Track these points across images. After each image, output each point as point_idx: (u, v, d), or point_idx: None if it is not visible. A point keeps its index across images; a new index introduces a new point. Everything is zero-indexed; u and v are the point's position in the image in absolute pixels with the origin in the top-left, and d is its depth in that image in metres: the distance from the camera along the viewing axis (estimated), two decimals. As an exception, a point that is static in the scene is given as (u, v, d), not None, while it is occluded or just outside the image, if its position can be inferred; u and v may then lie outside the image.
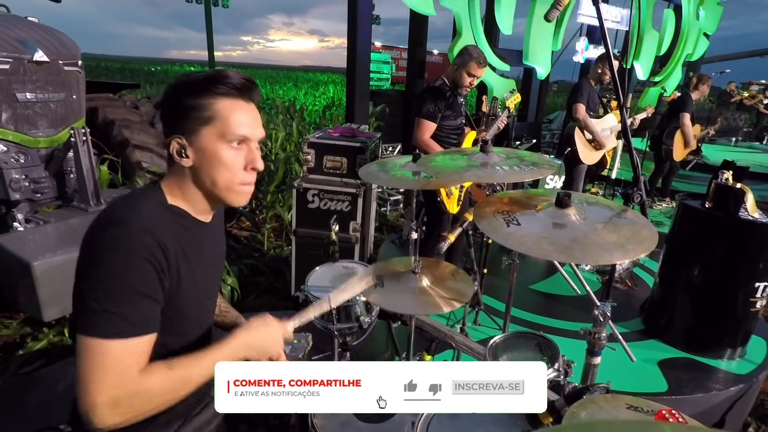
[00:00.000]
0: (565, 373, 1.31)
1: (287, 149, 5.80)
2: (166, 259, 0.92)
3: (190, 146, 0.96)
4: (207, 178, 0.98)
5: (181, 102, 0.95)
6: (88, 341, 0.84)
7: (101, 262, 0.86)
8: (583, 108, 3.57)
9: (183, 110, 0.95)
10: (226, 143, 0.97)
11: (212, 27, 19.03)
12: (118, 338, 0.85)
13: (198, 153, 0.96)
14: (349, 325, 1.57)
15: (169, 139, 0.96)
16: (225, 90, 0.95)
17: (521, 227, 1.16)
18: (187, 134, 0.95)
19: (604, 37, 1.64)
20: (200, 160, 0.97)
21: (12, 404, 1.83)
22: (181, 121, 0.95)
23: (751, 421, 2.45)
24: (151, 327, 0.90)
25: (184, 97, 0.95)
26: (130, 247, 0.87)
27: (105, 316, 0.84)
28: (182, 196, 1.01)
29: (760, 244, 2.30)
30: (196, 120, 0.95)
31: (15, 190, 2.58)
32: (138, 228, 0.89)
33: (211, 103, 0.95)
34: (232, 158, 0.97)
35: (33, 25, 2.80)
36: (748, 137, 11.47)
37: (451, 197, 2.83)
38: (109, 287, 0.85)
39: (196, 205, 1.03)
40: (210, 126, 0.95)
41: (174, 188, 1.01)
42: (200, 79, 0.95)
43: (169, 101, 0.96)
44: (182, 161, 0.97)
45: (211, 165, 0.97)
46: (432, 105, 2.66)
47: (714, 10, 8.49)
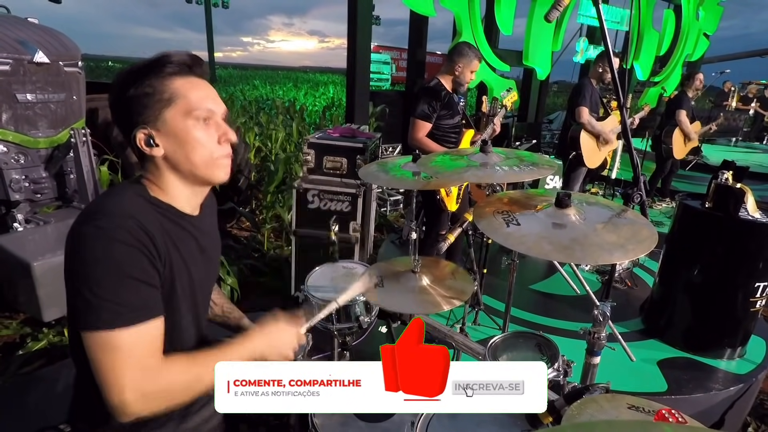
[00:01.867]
0: (565, 373, 1.31)
1: (287, 150, 5.80)
2: (154, 245, 0.89)
3: (158, 133, 0.92)
4: (184, 160, 0.94)
5: (135, 92, 0.90)
6: (95, 337, 0.82)
7: (89, 255, 0.84)
8: (586, 112, 3.57)
9: (138, 99, 0.90)
10: (194, 120, 0.93)
11: (212, 28, 19.04)
12: (125, 326, 0.83)
13: (168, 137, 0.93)
14: (348, 325, 1.57)
15: (133, 133, 0.91)
16: (176, 69, 0.93)
17: (521, 227, 1.16)
18: (151, 122, 0.92)
19: (604, 37, 1.65)
20: (172, 145, 0.93)
21: (12, 404, 1.83)
22: (141, 111, 0.91)
23: (751, 420, 2.45)
24: (154, 311, 0.88)
25: (136, 86, 0.90)
26: (116, 234, 0.85)
27: (106, 307, 0.83)
28: (164, 190, 0.98)
29: (760, 244, 2.30)
30: (157, 104, 0.91)
31: (15, 191, 2.58)
32: (121, 216, 0.87)
33: (166, 84, 0.92)
34: (203, 134, 0.95)
35: (33, 26, 2.80)
36: (748, 137, 11.47)
37: (450, 195, 2.83)
38: (103, 277, 0.83)
39: (180, 196, 0.99)
40: (173, 106, 0.92)
41: (152, 183, 0.97)
42: (147, 65, 0.92)
43: (120, 95, 0.91)
44: (153, 151, 0.93)
45: (184, 145, 0.93)
46: (427, 105, 2.66)
47: (714, 10, 8.48)
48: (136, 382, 0.82)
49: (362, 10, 4.25)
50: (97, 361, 0.83)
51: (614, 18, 6.76)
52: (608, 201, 1.42)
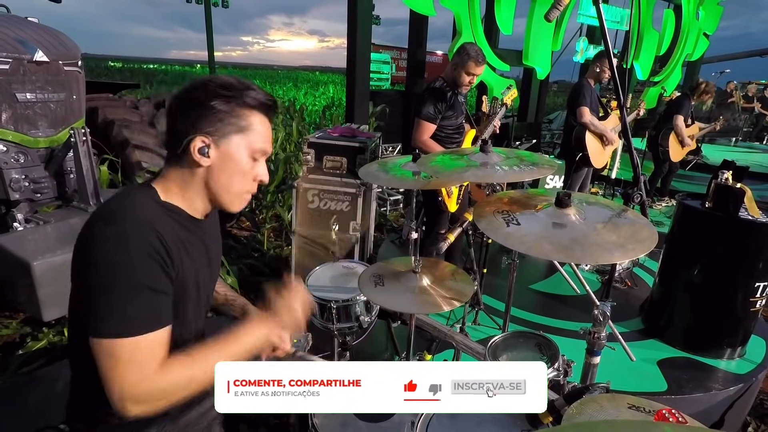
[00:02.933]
0: (565, 373, 1.31)
1: (287, 149, 5.80)
2: (168, 253, 0.91)
3: (216, 148, 0.96)
4: (222, 181, 0.99)
5: (219, 104, 0.94)
6: (102, 343, 0.84)
7: (103, 259, 0.85)
8: (587, 111, 3.57)
9: (219, 113, 0.94)
10: (250, 156, 0.99)
11: (212, 27, 19.00)
12: (132, 336, 0.85)
13: (221, 157, 0.97)
14: (348, 325, 1.58)
15: (191, 136, 0.94)
16: (260, 105, 0.98)
17: (521, 227, 1.16)
18: (216, 136, 0.95)
19: (604, 37, 1.64)
20: (220, 163, 0.97)
21: (12, 404, 1.83)
22: (212, 123, 0.95)
23: (751, 420, 2.45)
24: (163, 320, 0.90)
25: (220, 100, 0.94)
26: (131, 242, 0.86)
27: (117, 316, 0.84)
28: (180, 194, 1.00)
29: (760, 244, 2.30)
30: (231, 126, 0.96)
31: (15, 190, 2.57)
32: (136, 222, 0.88)
33: (248, 114, 0.97)
34: (249, 169, 1.00)
35: (33, 26, 2.79)
36: (748, 137, 11.47)
37: (451, 196, 2.82)
38: (116, 284, 0.85)
39: (194, 203, 1.02)
40: (243, 135, 0.97)
41: (171, 185, 0.99)
42: (239, 88, 0.96)
43: (200, 100, 0.94)
44: (201, 160, 0.95)
45: (230, 170, 0.98)
46: (432, 107, 2.65)
47: (714, 10, 8.48)
48: (136, 389, 0.84)
49: (362, 9, 4.25)
50: (101, 366, 0.85)
51: (614, 18, 6.76)
52: (608, 201, 1.41)
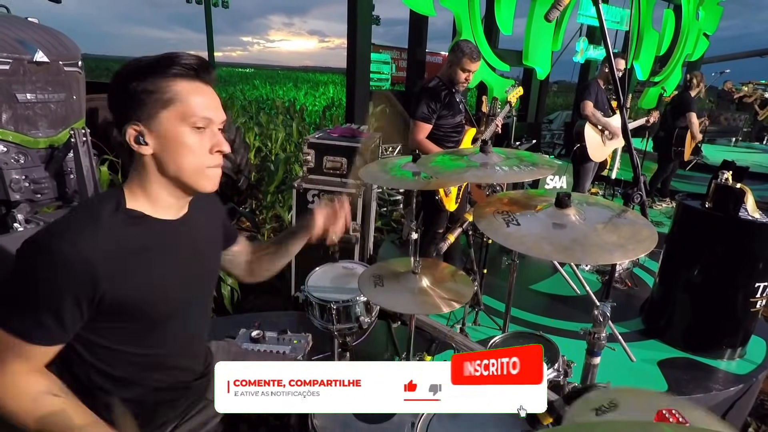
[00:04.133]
0: (565, 373, 1.31)
1: (287, 149, 5.81)
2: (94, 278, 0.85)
3: (149, 132, 0.90)
4: (171, 164, 0.92)
5: (136, 86, 0.88)
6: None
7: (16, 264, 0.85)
8: (590, 105, 3.58)
9: (138, 95, 0.88)
10: (189, 126, 0.91)
11: (212, 27, 19.04)
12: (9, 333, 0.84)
13: (159, 138, 0.91)
14: (348, 326, 1.58)
15: (124, 127, 0.89)
16: (182, 71, 0.90)
17: (521, 227, 1.16)
18: (144, 120, 0.89)
19: (604, 37, 1.64)
20: (162, 146, 0.91)
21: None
22: (137, 107, 0.89)
23: (751, 421, 2.45)
24: (43, 340, 0.86)
25: (139, 80, 0.88)
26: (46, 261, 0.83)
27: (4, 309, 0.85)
28: (144, 195, 0.95)
29: (760, 244, 2.30)
30: (155, 103, 0.89)
31: (15, 191, 2.57)
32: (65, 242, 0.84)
33: (170, 84, 0.89)
34: (196, 141, 0.93)
35: (33, 26, 2.79)
36: (748, 137, 11.47)
37: (449, 195, 2.82)
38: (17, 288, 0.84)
39: (160, 201, 0.96)
40: (170, 108, 0.90)
41: (135, 188, 0.95)
42: (155, 61, 0.90)
43: (120, 88, 0.89)
44: (141, 149, 0.90)
45: (174, 149, 0.91)
46: (426, 106, 2.64)
47: (714, 10, 8.49)
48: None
49: (362, 9, 4.25)
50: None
51: (614, 18, 6.76)
52: (608, 201, 1.41)
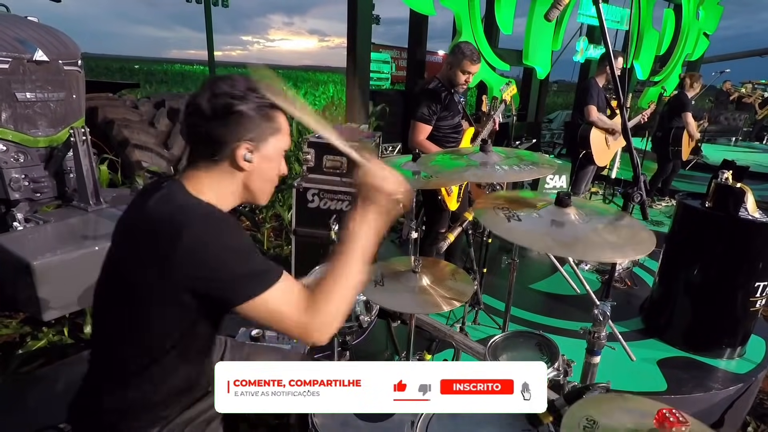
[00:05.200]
0: (565, 373, 1.31)
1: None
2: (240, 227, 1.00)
3: (258, 153, 1.01)
4: (260, 182, 1.06)
5: (253, 110, 0.98)
6: (261, 300, 0.92)
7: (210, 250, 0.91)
8: (594, 110, 3.58)
9: (254, 118, 0.99)
10: (280, 154, 1.07)
11: (212, 27, 18.99)
12: (278, 280, 0.94)
13: (262, 159, 1.02)
14: (348, 325, 1.57)
15: (234, 144, 0.98)
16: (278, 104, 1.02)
17: (522, 223, 1.17)
18: (257, 141, 1.01)
19: (604, 37, 1.64)
20: (261, 166, 1.03)
21: (12, 404, 1.83)
22: (252, 129, 0.99)
23: (750, 420, 2.45)
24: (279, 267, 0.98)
25: (255, 105, 0.98)
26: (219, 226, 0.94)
27: (257, 275, 0.94)
28: (212, 195, 1.02)
29: (760, 243, 2.30)
30: (268, 129, 1.01)
31: (15, 190, 2.57)
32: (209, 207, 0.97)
33: (278, 115, 1.03)
34: (280, 167, 1.09)
35: (33, 25, 2.79)
36: (748, 137, 11.47)
37: (451, 194, 2.82)
38: (236, 256, 0.93)
39: (226, 202, 1.05)
40: (277, 136, 1.04)
41: (203, 186, 1.02)
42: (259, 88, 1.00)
43: (236, 107, 0.97)
44: (245, 165, 1.01)
45: (269, 171, 1.06)
46: (426, 108, 2.65)
47: (714, 10, 8.48)
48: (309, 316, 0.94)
49: (362, 9, 4.24)
50: (273, 317, 0.94)
51: (614, 17, 6.76)
52: (607, 207, 1.41)
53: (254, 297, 0.92)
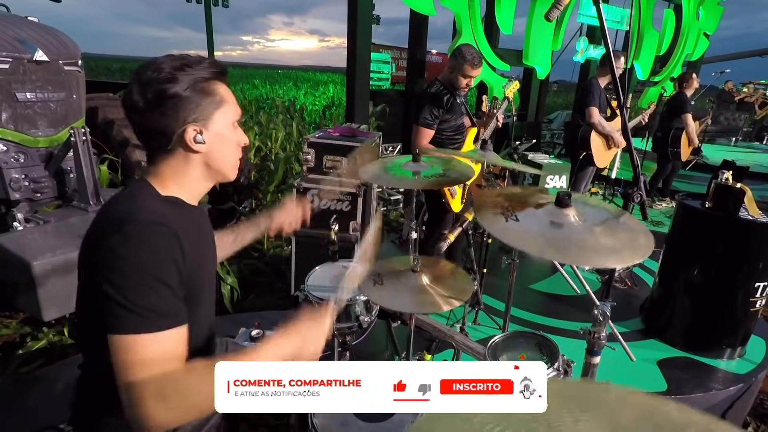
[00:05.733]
0: (565, 373, 1.31)
1: (287, 149, 5.80)
2: (181, 249, 0.91)
3: (206, 131, 0.97)
4: (219, 160, 1.01)
5: (188, 91, 0.94)
6: (122, 340, 0.83)
7: (120, 263, 0.85)
8: (596, 112, 3.57)
9: (192, 98, 0.94)
10: (232, 124, 1.02)
11: (212, 27, 19.01)
12: (153, 331, 0.84)
13: (212, 137, 0.98)
14: (348, 325, 1.57)
15: (181, 128, 0.94)
16: (219, 74, 0.99)
17: (520, 223, 1.17)
18: (202, 120, 0.96)
19: (604, 37, 1.64)
20: (214, 144, 0.99)
21: (12, 404, 1.83)
22: (194, 109, 0.95)
23: (751, 420, 2.45)
24: (180, 318, 0.89)
25: (189, 84, 0.94)
26: (146, 241, 0.87)
27: (135, 312, 0.84)
28: (177, 185, 1.00)
29: (760, 244, 2.30)
30: (209, 105, 0.97)
31: (15, 190, 2.57)
32: (149, 221, 0.89)
33: (216, 87, 0.98)
34: (235, 138, 1.03)
35: (33, 25, 2.79)
36: (748, 137, 11.47)
37: (455, 196, 2.82)
38: (133, 283, 0.84)
39: (193, 191, 1.03)
40: (221, 109, 0.99)
41: (167, 179, 0.99)
42: (195, 65, 0.95)
43: (171, 92, 0.93)
44: (198, 147, 0.97)
45: (225, 146, 1.01)
46: (429, 113, 2.64)
47: (714, 10, 8.48)
48: (156, 387, 0.81)
49: (362, 9, 4.25)
50: (121, 364, 0.83)
51: (614, 17, 6.76)
52: (607, 205, 1.41)
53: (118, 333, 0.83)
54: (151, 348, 0.83)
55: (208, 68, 0.97)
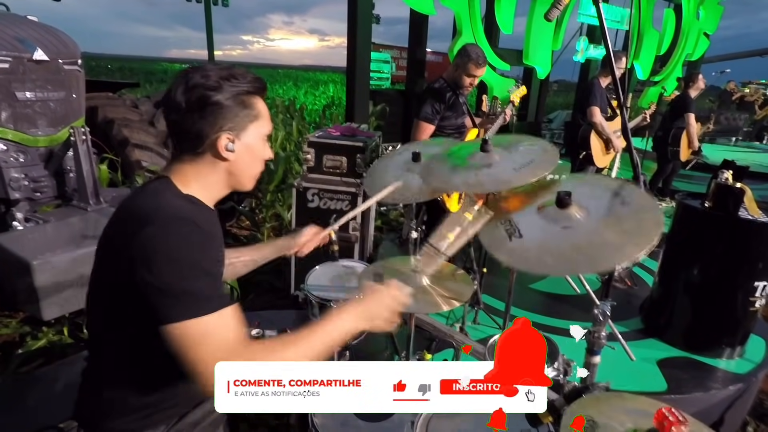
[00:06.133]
0: (565, 373, 1.31)
1: (287, 148, 5.80)
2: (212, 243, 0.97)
3: (239, 141, 1.01)
4: (243, 170, 1.05)
5: (229, 100, 0.97)
6: (179, 328, 0.85)
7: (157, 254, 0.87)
8: (598, 111, 3.57)
9: (232, 107, 0.98)
10: (261, 139, 1.06)
11: (212, 26, 19.01)
12: (207, 312, 0.87)
13: (243, 147, 1.02)
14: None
15: (214, 135, 0.98)
16: (259, 89, 1.03)
17: (523, 239, 1.13)
18: (237, 130, 1.00)
19: (604, 37, 1.64)
20: (243, 155, 1.02)
21: (12, 403, 1.83)
22: (231, 118, 0.98)
23: (750, 420, 2.46)
24: (228, 299, 0.92)
25: (231, 94, 0.97)
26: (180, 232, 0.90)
27: (185, 299, 0.86)
28: (199, 186, 1.03)
29: (760, 244, 2.30)
30: (246, 117, 1.00)
31: (14, 189, 2.57)
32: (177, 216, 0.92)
33: (255, 101, 1.02)
34: (264, 152, 1.08)
35: (32, 24, 2.79)
36: (748, 137, 11.47)
37: (452, 196, 2.82)
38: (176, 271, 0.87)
39: (213, 194, 1.06)
40: (256, 123, 1.03)
41: (190, 179, 1.02)
42: (240, 78, 0.99)
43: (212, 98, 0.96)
44: (228, 155, 1.00)
45: (250, 158, 1.05)
46: (430, 108, 2.65)
47: (714, 10, 8.48)
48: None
49: (362, 8, 4.25)
50: (188, 351, 0.85)
51: (614, 17, 6.76)
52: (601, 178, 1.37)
53: (177, 321, 0.85)
54: (210, 329, 0.86)
55: (251, 83, 1.00)
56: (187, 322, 0.85)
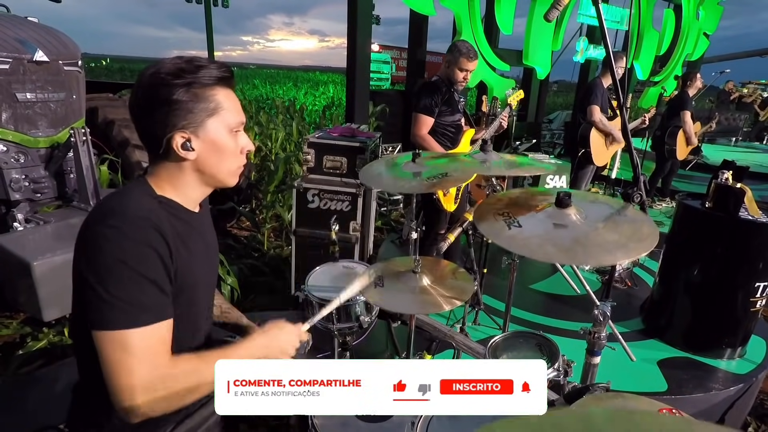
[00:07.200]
0: (565, 373, 1.31)
1: (287, 149, 5.81)
2: (167, 246, 0.91)
3: (196, 138, 0.95)
4: (212, 167, 0.99)
5: (179, 96, 0.91)
6: (107, 336, 0.83)
7: (103, 255, 0.85)
8: (598, 110, 3.59)
9: (184, 104, 0.92)
10: (229, 132, 0.98)
11: (212, 27, 19.00)
12: (138, 326, 0.84)
13: (205, 144, 0.96)
14: (349, 325, 1.57)
15: (169, 135, 0.92)
16: (218, 80, 0.96)
17: (522, 230, 1.16)
18: (192, 127, 0.94)
19: (604, 37, 1.64)
20: (206, 152, 0.97)
21: (12, 404, 1.83)
22: (183, 116, 0.92)
23: (751, 420, 2.45)
24: (165, 313, 0.90)
25: (180, 90, 0.91)
26: (131, 235, 0.86)
27: (119, 307, 0.84)
28: (173, 188, 1.00)
29: (760, 244, 2.30)
30: (202, 112, 0.94)
31: (15, 190, 2.57)
32: (134, 216, 0.88)
33: (212, 93, 0.95)
34: (234, 145, 1.00)
35: (33, 25, 2.79)
36: (748, 137, 11.47)
37: (448, 195, 2.82)
38: (117, 277, 0.84)
39: (189, 195, 1.02)
40: (215, 116, 0.96)
41: (163, 181, 0.99)
42: (192, 70, 0.92)
43: (161, 97, 0.91)
44: (186, 154, 0.95)
45: (218, 155, 0.98)
46: (428, 99, 2.66)
47: (714, 10, 8.48)
48: (146, 382, 0.83)
49: (362, 9, 4.25)
50: (107, 360, 0.83)
51: (614, 17, 6.76)
52: (608, 198, 1.41)
53: (104, 329, 0.82)
54: (135, 342, 0.84)
55: (208, 73, 0.94)
56: (112, 332, 0.82)
